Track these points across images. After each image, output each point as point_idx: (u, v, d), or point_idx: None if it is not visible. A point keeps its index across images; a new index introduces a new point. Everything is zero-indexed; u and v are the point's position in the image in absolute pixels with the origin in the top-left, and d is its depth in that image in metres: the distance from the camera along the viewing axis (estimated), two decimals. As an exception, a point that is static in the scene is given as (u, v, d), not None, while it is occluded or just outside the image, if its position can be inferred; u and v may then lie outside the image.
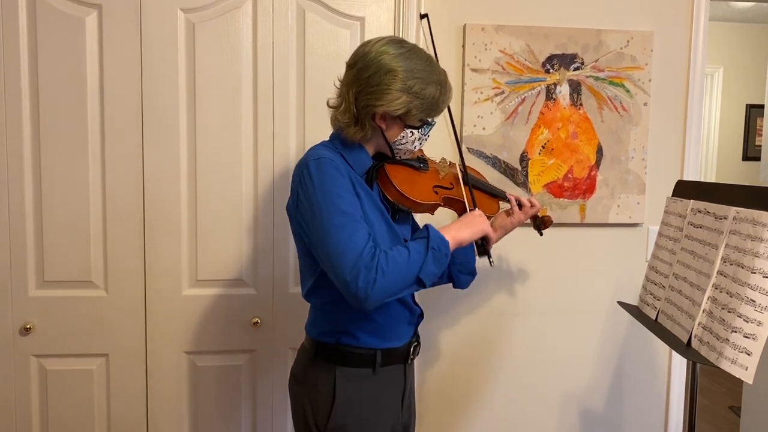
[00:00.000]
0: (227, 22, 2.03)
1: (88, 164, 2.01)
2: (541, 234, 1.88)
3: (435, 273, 1.39)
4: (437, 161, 1.69)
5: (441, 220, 2.14)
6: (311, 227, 1.37)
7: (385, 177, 1.52)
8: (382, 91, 1.40)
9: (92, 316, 2.05)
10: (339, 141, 1.49)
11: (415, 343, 1.61)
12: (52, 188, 2.00)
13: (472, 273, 1.74)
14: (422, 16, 1.62)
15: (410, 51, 1.44)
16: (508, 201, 1.76)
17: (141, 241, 2.05)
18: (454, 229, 1.47)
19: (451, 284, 1.77)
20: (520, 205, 1.75)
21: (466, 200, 1.62)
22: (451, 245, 1.43)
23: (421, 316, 1.64)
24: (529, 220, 1.80)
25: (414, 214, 1.76)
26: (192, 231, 2.07)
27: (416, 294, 1.64)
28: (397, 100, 1.41)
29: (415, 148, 1.54)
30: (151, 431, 2.12)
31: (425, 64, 1.44)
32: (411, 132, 1.49)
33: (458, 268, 1.72)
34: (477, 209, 1.57)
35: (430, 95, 1.44)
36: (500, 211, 1.77)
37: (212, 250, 2.08)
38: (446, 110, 1.59)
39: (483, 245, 1.55)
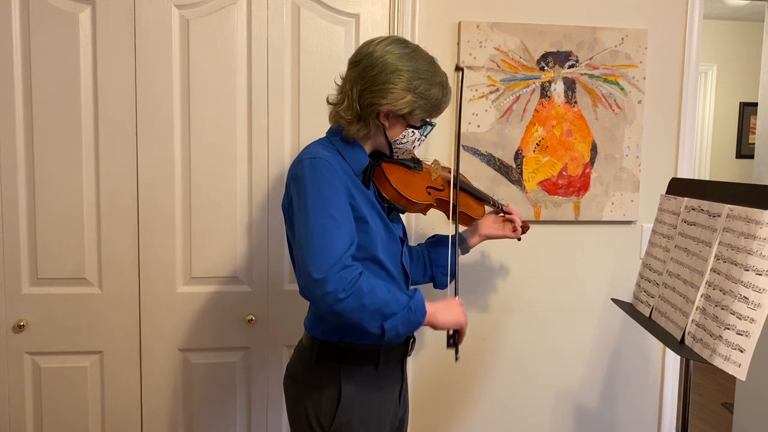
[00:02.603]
0: (222, 18, 2.02)
1: (82, 161, 2.00)
2: (519, 239, 1.90)
3: (398, 332, 1.37)
4: (429, 163, 1.70)
5: (434, 220, 2.14)
6: (296, 222, 1.37)
7: (382, 175, 1.52)
8: (387, 90, 1.41)
9: (86, 313, 2.05)
10: (338, 138, 1.50)
11: (412, 339, 1.62)
12: (45, 185, 1.99)
13: (453, 275, 1.76)
14: (457, 69, 1.62)
15: (414, 51, 1.46)
16: (494, 205, 1.80)
17: (135, 238, 2.04)
18: (434, 308, 1.45)
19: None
20: (504, 211, 1.81)
21: (451, 203, 1.62)
22: (426, 320, 1.43)
23: None
24: None
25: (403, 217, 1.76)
26: (186, 228, 2.07)
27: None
28: (402, 99, 1.42)
29: (413, 148, 1.56)
30: (145, 429, 2.12)
31: (429, 65, 1.46)
32: (412, 132, 1.51)
33: (441, 270, 1.76)
34: (458, 298, 1.54)
35: (434, 96, 1.46)
36: (486, 214, 1.81)
37: (207, 247, 2.08)
38: (451, 111, 1.60)
39: (454, 337, 1.51)
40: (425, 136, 1.55)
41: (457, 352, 1.51)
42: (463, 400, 2.27)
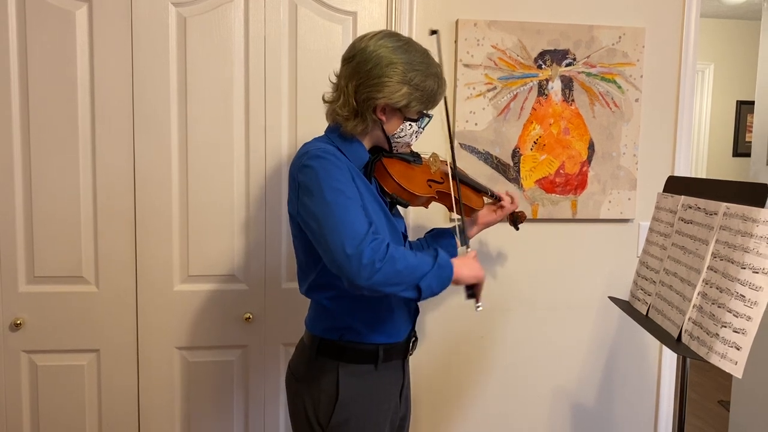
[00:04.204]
0: (219, 16, 2.01)
1: (79, 159, 2.00)
2: (517, 229, 1.91)
3: (433, 289, 1.37)
4: (428, 156, 1.70)
5: (432, 213, 2.14)
6: (312, 209, 1.36)
7: (383, 170, 1.52)
8: (383, 83, 1.41)
9: (83, 311, 2.04)
10: (336, 135, 1.50)
11: (414, 338, 1.62)
12: (42, 183, 1.98)
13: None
14: (432, 32, 1.63)
15: (407, 44, 1.46)
16: (492, 196, 1.81)
17: (132, 236, 2.04)
18: (456, 263, 1.44)
19: None
20: (499, 199, 1.82)
21: (452, 194, 1.62)
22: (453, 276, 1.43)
23: (417, 311, 1.65)
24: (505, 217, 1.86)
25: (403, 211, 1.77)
26: (183, 226, 2.06)
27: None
28: (398, 92, 1.42)
29: (412, 141, 1.56)
30: (142, 427, 2.12)
31: (423, 57, 1.46)
32: (410, 125, 1.51)
33: None
34: (473, 251, 1.54)
35: (430, 87, 1.47)
36: (485, 205, 1.82)
37: (204, 246, 2.08)
38: (442, 105, 1.61)
39: (472, 288, 1.53)
40: (423, 129, 1.56)
41: (477, 301, 1.52)
42: (461, 399, 2.27)
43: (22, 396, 2.05)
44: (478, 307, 1.52)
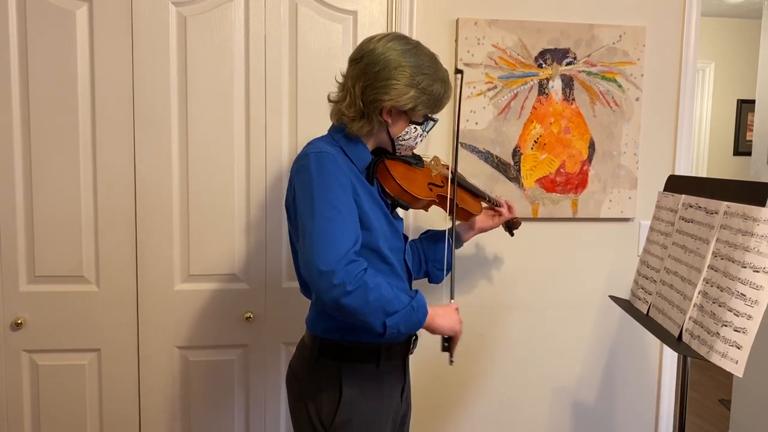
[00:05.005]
0: (219, 15, 2.01)
1: (79, 158, 2.00)
2: (512, 235, 1.93)
3: (399, 329, 1.38)
4: (429, 159, 1.70)
5: (432, 216, 2.14)
6: (301, 216, 1.37)
7: (385, 171, 1.53)
8: (390, 86, 1.42)
9: (84, 311, 2.04)
10: (341, 135, 1.50)
11: (414, 338, 1.62)
12: (43, 182, 1.99)
13: (449, 269, 1.77)
14: (458, 71, 1.67)
15: (416, 47, 1.47)
16: (490, 202, 1.83)
17: (132, 235, 2.04)
18: (434, 312, 1.46)
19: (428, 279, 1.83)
20: (497, 205, 1.85)
21: (448, 198, 1.63)
22: (425, 323, 1.44)
23: None
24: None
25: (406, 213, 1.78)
26: (184, 225, 2.06)
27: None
28: (406, 95, 1.43)
29: (416, 144, 1.57)
30: (143, 426, 2.12)
31: (431, 61, 1.47)
32: (414, 128, 1.52)
33: (436, 265, 1.78)
34: (454, 303, 1.55)
35: (437, 91, 1.47)
36: (482, 210, 1.83)
37: (204, 245, 2.08)
38: (450, 109, 1.63)
39: (448, 341, 1.53)
40: (427, 132, 1.56)
41: (451, 355, 1.53)
42: (462, 397, 2.27)
43: (23, 395, 2.05)
44: (452, 361, 1.53)
